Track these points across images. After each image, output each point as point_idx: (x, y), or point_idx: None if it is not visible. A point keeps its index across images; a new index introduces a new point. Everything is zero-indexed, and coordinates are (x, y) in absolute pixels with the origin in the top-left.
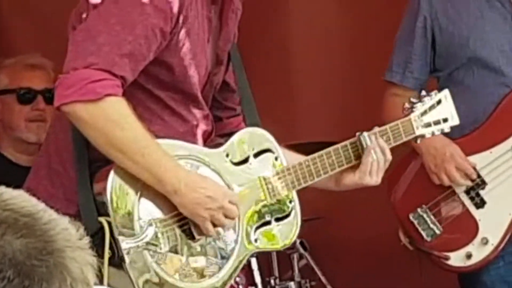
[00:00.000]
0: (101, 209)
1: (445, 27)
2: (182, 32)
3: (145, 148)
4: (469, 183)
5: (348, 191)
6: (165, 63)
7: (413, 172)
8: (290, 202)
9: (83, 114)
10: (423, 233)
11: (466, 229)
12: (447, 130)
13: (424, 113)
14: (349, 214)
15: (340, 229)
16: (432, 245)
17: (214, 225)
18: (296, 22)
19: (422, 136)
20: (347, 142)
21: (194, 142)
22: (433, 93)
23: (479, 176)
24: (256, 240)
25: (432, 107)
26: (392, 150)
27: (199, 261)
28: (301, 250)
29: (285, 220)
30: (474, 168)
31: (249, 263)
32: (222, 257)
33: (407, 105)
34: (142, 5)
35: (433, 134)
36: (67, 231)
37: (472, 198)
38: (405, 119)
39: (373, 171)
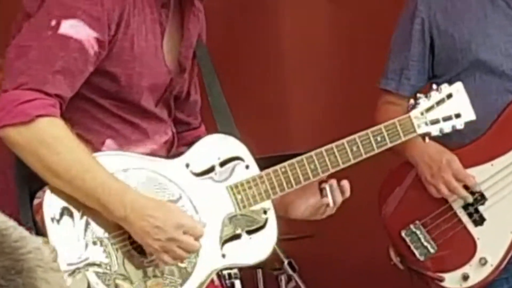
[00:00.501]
0: (42, 228)
1: (445, 29)
2: (125, 39)
3: (85, 172)
4: (469, 197)
5: (340, 207)
6: (108, 73)
7: (406, 185)
8: (265, 212)
9: (16, 138)
10: (416, 252)
11: (463, 248)
12: (460, 126)
13: (430, 109)
14: (341, 232)
15: (332, 248)
16: (425, 265)
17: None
18: (287, 30)
19: (428, 135)
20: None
21: (151, 150)
22: (442, 86)
23: (478, 190)
24: (224, 256)
25: (440, 102)
26: (385, 160)
27: (155, 281)
28: (289, 271)
29: (259, 233)
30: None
31: (232, 286)
32: (182, 276)
33: (412, 101)
34: (75, 15)
35: (441, 131)
36: (39, 251)
37: (470, 215)
38: (404, 117)
39: (327, 213)
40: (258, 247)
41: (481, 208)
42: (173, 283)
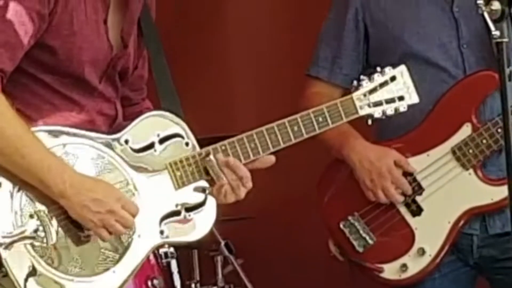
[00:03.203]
0: None
1: (378, 19)
2: (64, 13)
3: (24, 148)
4: (403, 200)
5: (280, 190)
6: (47, 46)
7: (344, 177)
8: (204, 190)
9: None
10: (355, 243)
11: (401, 238)
12: (403, 109)
13: (373, 90)
14: (280, 215)
15: (270, 231)
16: (364, 256)
17: (109, 231)
18: (232, 14)
19: (371, 117)
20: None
21: (92, 127)
22: (386, 68)
23: (415, 180)
24: (162, 232)
25: (384, 84)
26: (321, 151)
27: (91, 255)
28: (226, 253)
29: (199, 210)
30: (414, 179)
31: (168, 265)
32: (120, 251)
33: (355, 82)
34: None
35: (384, 113)
36: None
37: (408, 205)
38: (346, 98)
39: (227, 193)
40: (197, 225)
41: (418, 199)
42: (110, 258)
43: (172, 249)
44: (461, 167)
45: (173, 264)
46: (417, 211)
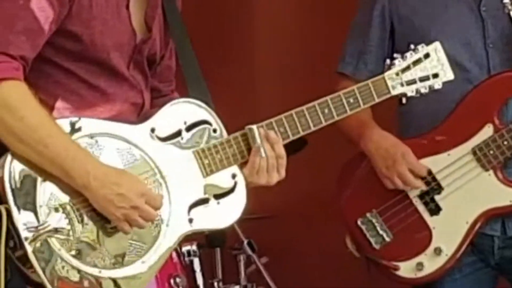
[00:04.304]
0: (3, 195)
1: (405, 16)
2: None
3: (47, 138)
4: (424, 187)
5: (302, 188)
6: (70, 32)
7: (363, 173)
8: (233, 177)
9: None
10: (371, 240)
11: (418, 237)
12: (437, 86)
13: (407, 69)
14: (303, 214)
15: (292, 230)
16: (380, 254)
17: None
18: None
19: (404, 95)
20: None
21: (118, 116)
22: (419, 46)
23: (434, 179)
24: (191, 221)
25: (417, 62)
26: (343, 149)
27: (118, 246)
28: (249, 252)
29: (227, 198)
30: (434, 178)
31: (191, 263)
32: (148, 241)
33: (387, 61)
34: None
35: (418, 91)
36: None
37: (426, 204)
38: (378, 78)
39: (261, 170)
40: (226, 212)
41: (437, 198)
42: (138, 249)
43: (194, 248)
44: (481, 167)
45: (196, 262)
46: (435, 210)
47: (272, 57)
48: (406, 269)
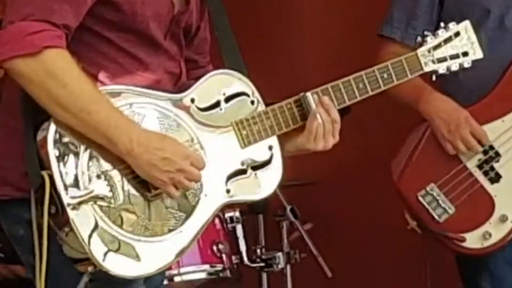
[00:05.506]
0: (46, 162)
1: None
2: None
3: (91, 105)
4: (482, 156)
5: (348, 155)
6: (111, 2)
7: (419, 148)
8: (270, 148)
9: (22, 69)
10: (434, 214)
11: (481, 207)
12: (467, 65)
13: (438, 46)
14: (346, 180)
15: (336, 196)
16: (445, 226)
17: (176, 187)
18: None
19: (435, 73)
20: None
21: (157, 85)
22: (450, 24)
23: (492, 147)
24: (228, 191)
25: (448, 40)
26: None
27: (158, 215)
28: (292, 218)
29: (264, 169)
30: (491, 146)
31: (234, 230)
32: (187, 210)
33: (419, 38)
34: None
35: (448, 69)
36: None
37: (486, 173)
38: (411, 54)
39: (318, 136)
40: (263, 183)
41: (496, 165)
42: (177, 218)
43: (237, 214)
44: None
45: (239, 229)
46: (495, 178)
47: (313, 33)
48: (472, 239)
